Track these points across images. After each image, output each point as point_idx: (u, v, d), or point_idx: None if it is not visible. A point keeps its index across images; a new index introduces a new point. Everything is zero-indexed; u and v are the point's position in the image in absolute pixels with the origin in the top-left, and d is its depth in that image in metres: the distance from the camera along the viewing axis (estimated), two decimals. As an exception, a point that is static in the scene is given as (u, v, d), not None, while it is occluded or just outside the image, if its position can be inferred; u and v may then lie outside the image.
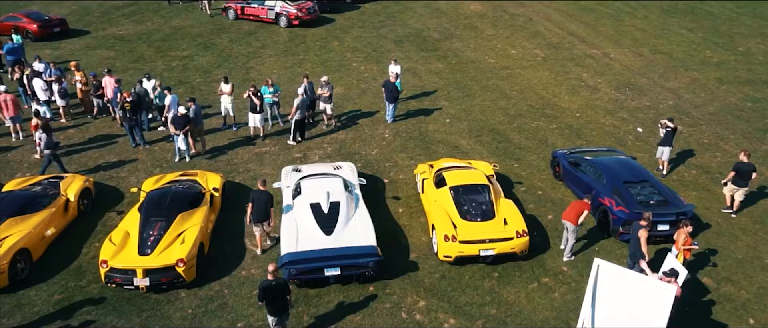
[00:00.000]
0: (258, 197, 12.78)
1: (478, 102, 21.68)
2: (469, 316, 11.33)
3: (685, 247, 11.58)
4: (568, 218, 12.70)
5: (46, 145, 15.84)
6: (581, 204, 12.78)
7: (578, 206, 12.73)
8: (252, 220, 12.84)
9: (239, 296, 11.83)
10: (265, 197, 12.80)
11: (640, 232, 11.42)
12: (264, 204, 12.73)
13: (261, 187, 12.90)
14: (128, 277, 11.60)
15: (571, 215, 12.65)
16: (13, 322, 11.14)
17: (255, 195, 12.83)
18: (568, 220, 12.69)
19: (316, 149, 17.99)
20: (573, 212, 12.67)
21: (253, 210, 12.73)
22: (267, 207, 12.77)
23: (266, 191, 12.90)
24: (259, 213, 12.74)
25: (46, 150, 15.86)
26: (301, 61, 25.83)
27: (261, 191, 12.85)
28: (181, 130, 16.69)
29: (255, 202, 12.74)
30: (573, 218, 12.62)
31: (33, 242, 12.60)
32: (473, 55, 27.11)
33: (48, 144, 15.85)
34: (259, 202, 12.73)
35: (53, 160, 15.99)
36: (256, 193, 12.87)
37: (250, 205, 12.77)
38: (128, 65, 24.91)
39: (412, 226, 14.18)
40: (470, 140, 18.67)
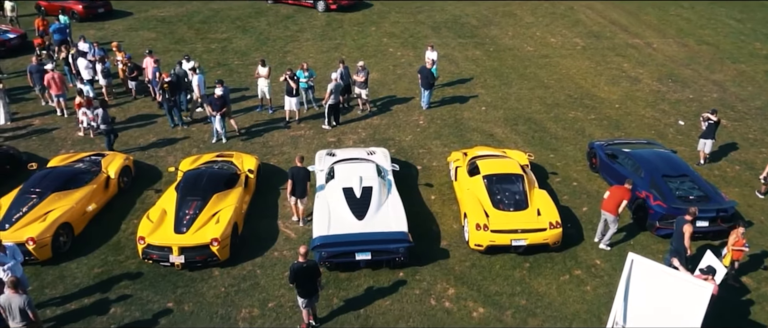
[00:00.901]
0: (296, 172, 13.18)
1: (514, 90, 21.40)
2: (498, 305, 11.28)
3: (736, 247, 11.27)
4: (608, 208, 12.46)
5: (103, 120, 16.32)
6: (621, 192, 12.46)
7: (618, 194, 12.41)
8: (291, 194, 13.23)
9: (271, 276, 12.02)
10: (303, 173, 13.20)
11: (685, 227, 11.17)
12: (303, 179, 13.12)
13: (298, 163, 13.31)
14: (164, 254, 11.89)
15: (611, 205, 12.40)
16: (55, 292, 11.56)
17: (294, 171, 13.22)
18: (608, 210, 12.45)
19: (351, 134, 18.05)
20: (613, 201, 12.39)
21: (293, 185, 13.11)
22: (305, 182, 13.12)
23: (304, 167, 13.30)
24: (299, 188, 13.09)
25: (103, 125, 16.35)
26: (338, 45, 25.87)
27: (299, 167, 13.24)
28: (217, 111, 16.93)
29: (294, 177, 13.12)
30: (613, 208, 12.37)
31: (75, 216, 13.01)
32: (511, 42, 26.74)
33: (105, 119, 16.31)
34: (298, 177, 13.12)
35: (109, 135, 16.51)
36: (295, 169, 13.25)
37: (289, 181, 13.13)
38: (169, 46, 25.34)
39: (443, 213, 14.15)
40: (506, 129, 18.47)
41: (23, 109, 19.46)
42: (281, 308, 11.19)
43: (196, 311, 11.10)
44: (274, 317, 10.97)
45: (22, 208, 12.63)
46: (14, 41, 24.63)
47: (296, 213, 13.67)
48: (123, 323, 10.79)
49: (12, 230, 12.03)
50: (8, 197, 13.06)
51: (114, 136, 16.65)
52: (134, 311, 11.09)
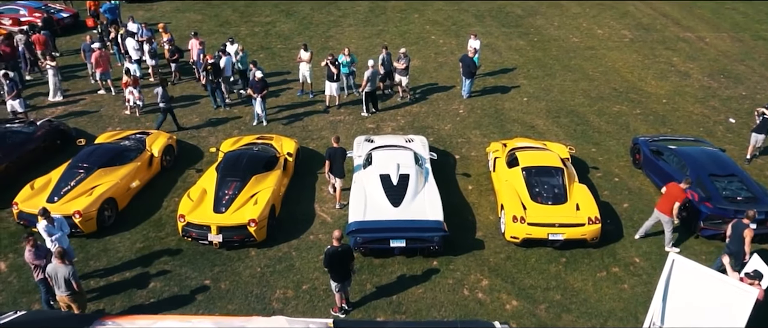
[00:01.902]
0: (333, 152, 13.40)
1: (558, 82, 21.00)
2: (532, 299, 11.16)
3: None
4: (662, 208, 12.09)
5: (163, 98, 16.73)
6: (676, 191, 11.99)
7: (673, 194, 11.96)
8: (329, 173, 13.54)
9: (306, 259, 12.15)
10: (340, 153, 13.44)
11: (746, 231, 10.82)
12: (339, 159, 13.40)
13: (335, 144, 13.53)
14: (203, 232, 12.15)
15: (665, 205, 12.02)
16: (99, 264, 11.96)
17: (330, 151, 13.42)
18: (662, 211, 12.10)
19: (390, 121, 18.04)
20: (667, 200, 11.99)
21: (330, 165, 13.33)
22: (342, 162, 13.45)
23: (341, 147, 13.53)
24: (336, 168, 13.39)
25: (162, 103, 16.77)
26: (380, 32, 25.82)
27: (335, 148, 13.44)
28: (258, 94, 17.13)
29: (331, 157, 13.33)
30: (667, 209, 11.99)
31: (119, 192, 13.39)
32: (557, 33, 26.20)
33: (164, 97, 16.72)
34: (335, 157, 13.38)
35: (168, 114, 16.98)
36: (331, 149, 13.48)
37: (327, 162, 13.33)
38: (214, 29, 25.72)
39: (480, 204, 14.04)
40: (547, 121, 18.16)
41: (74, 87, 20.08)
42: (315, 290, 11.32)
43: (232, 290, 11.32)
44: (307, 299, 11.11)
45: (70, 182, 13.06)
46: (67, 20, 25.42)
47: (337, 198, 13.82)
48: (162, 298, 11.10)
49: (60, 203, 12.46)
50: (58, 171, 13.53)
51: (172, 115, 17.08)
52: (173, 287, 11.38)
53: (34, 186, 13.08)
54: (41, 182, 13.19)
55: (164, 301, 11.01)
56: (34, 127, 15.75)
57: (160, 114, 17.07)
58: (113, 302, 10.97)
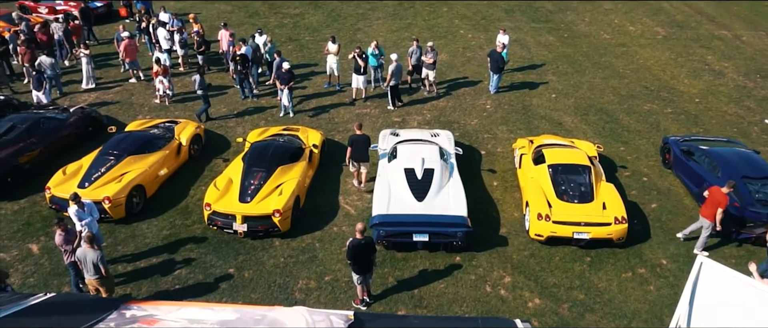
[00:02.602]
0: (356, 139, 13.58)
1: (587, 79, 20.70)
2: (555, 298, 11.06)
3: None
4: (705, 213, 11.77)
5: (200, 85, 17.01)
6: (719, 196, 11.61)
7: (715, 198, 11.58)
8: (351, 160, 13.74)
9: (329, 250, 12.22)
10: (363, 139, 13.61)
11: None
12: (363, 145, 13.63)
13: (358, 131, 13.76)
14: (228, 221, 12.29)
15: (708, 210, 11.69)
16: (127, 250, 12.19)
17: (353, 138, 13.59)
18: (704, 216, 11.78)
19: (416, 115, 17.99)
20: (711, 206, 11.62)
21: (352, 152, 13.50)
22: (365, 148, 13.61)
23: (364, 134, 13.73)
24: (359, 154, 13.58)
25: (200, 90, 17.05)
26: (409, 25, 25.73)
27: (358, 135, 13.63)
28: (285, 85, 17.23)
29: (354, 144, 13.48)
30: (709, 214, 11.66)
31: (148, 179, 13.61)
32: (587, 29, 25.81)
33: (201, 85, 16.99)
34: (358, 144, 13.55)
35: (205, 100, 17.23)
36: (354, 136, 13.65)
37: (349, 148, 13.58)
38: (243, 19, 25.92)
39: (505, 200, 13.94)
40: (575, 118, 17.92)
41: (106, 75, 20.44)
42: (337, 282, 11.38)
43: (256, 279, 11.45)
44: (329, 291, 11.18)
45: (101, 168, 13.32)
46: (101, 10, 25.85)
47: (356, 177, 14.06)
48: (186, 284, 11.27)
49: (91, 189, 12.73)
50: (89, 158, 13.81)
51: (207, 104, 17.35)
52: (198, 274, 11.55)
53: (65, 171, 13.38)
54: (73, 168, 13.48)
55: (189, 287, 11.19)
56: (67, 114, 16.11)
57: (203, 102, 17.30)
58: (140, 287, 11.19)
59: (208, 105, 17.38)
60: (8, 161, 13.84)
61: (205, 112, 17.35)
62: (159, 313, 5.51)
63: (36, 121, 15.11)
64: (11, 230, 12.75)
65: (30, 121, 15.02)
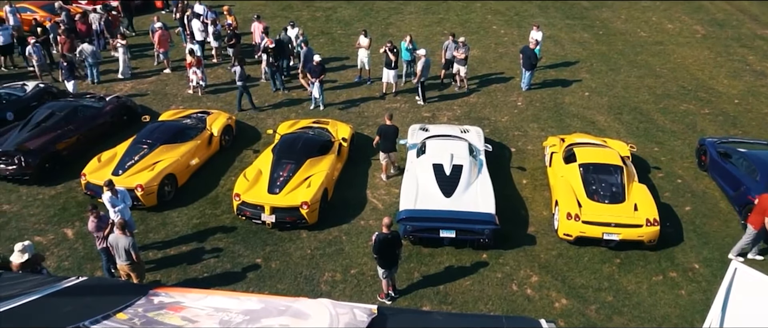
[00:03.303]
0: (386, 129, 13.81)
1: (622, 78, 20.31)
2: (582, 299, 10.90)
3: None
4: (752, 220, 11.36)
5: (240, 77, 17.26)
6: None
7: (764, 205, 11.18)
8: (380, 149, 13.98)
9: (355, 244, 12.26)
10: (392, 130, 13.82)
11: None
12: (392, 135, 13.83)
13: (388, 121, 13.97)
14: (257, 212, 12.43)
15: (757, 218, 11.26)
16: (157, 237, 12.43)
17: (383, 128, 13.83)
18: (751, 223, 11.37)
19: (446, 110, 17.90)
20: (759, 213, 11.22)
21: (381, 141, 13.79)
22: (394, 139, 13.84)
23: (393, 125, 13.93)
24: (387, 145, 13.75)
25: (240, 81, 17.29)
26: (441, 20, 25.60)
27: (388, 125, 13.86)
28: (316, 78, 17.31)
29: (383, 134, 13.68)
30: (757, 221, 11.26)
31: (179, 168, 13.84)
32: (624, 26, 25.31)
33: (241, 76, 17.23)
34: (387, 133, 13.75)
35: (243, 92, 17.44)
36: (384, 126, 13.89)
37: (377, 137, 13.86)
38: (276, 12, 26.10)
39: (534, 199, 13.78)
40: (608, 117, 17.61)
41: (142, 65, 20.84)
42: (362, 275, 11.41)
43: (282, 270, 11.55)
44: (355, 284, 11.22)
45: (134, 156, 13.60)
46: (137, 2, 26.30)
47: (385, 170, 14.25)
48: (215, 273, 11.44)
49: (124, 176, 13.00)
50: (123, 146, 14.10)
51: (247, 94, 17.60)
52: (226, 263, 11.71)
53: (101, 159, 13.70)
54: (108, 155, 13.79)
55: (217, 276, 11.35)
56: (104, 102, 16.47)
57: (245, 94, 17.52)
58: (169, 274, 11.40)
59: (246, 94, 17.57)
60: (47, 148, 14.23)
61: (250, 100, 17.64)
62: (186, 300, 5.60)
63: (74, 109, 15.49)
64: (48, 214, 13.11)
65: (68, 109, 15.41)
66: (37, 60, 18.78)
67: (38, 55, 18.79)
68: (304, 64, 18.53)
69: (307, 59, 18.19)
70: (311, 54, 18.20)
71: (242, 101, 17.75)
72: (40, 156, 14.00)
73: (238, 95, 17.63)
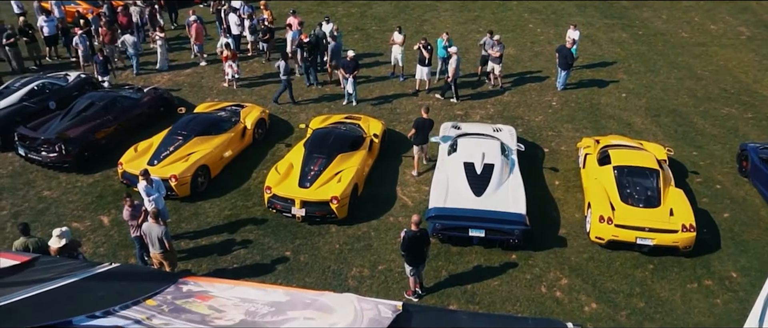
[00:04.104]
0: (421, 123, 13.96)
1: (661, 79, 19.83)
2: (613, 304, 10.70)
3: None
4: None
5: (285, 71, 17.43)
6: None
7: None
8: (414, 142, 14.11)
9: (384, 240, 12.26)
10: (428, 124, 14.04)
11: None
12: (428, 129, 14.05)
13: (424, 114, 14.14)
14: (287, 205, 12.53)
15: None
16: (190, 227, 12.65)
17: (419, 121, 13.97)
18: None
19: (479, 109, 17.76)
20: None
21: (416, 134, 13.92)
22: (428, 132, 14.13)
23: (429, 119, 14.17)
24: (421, 138, 13.95)
25: (284, 76, 17.48)
26: (476, 18, 25.38)
27: (424, 119, 14.03)
28: (350, 74, 17.34)
29: (418, 127, 13.84)
30: None
31: (213, 160, 14.05)
32: (664, 26, 24.70)
33: (285, 70, 17.42)
34: (422, 127, 13.92)
35: (287, 86, 17.67)
36: (420, 120, 14.04)
37: (413, 129, 13.97)
38: (312, 8, 26.23)
39: (566, 200, 13.58)
40: (646, 119, 17.22)
41: (179, 58, 21.19)
42: (390, 272, 11.41)
43: (311, 263, 11.63)
44: (382, 280, 11.23)
45: (169, 147, 13.84)
46: (177, -5, 26.72)
47: (417, 166, 14.39)
48: (244, 264, 11.59)
49: (159, 166, 13.25)
50: (159, 136, 14.37)
51: (289, 88, 17.74)
52: (255, 255, 11.85)
53: (137, 149, 13.99)
54: (144, 145, 14.07)
55: (246, 267, 11.50)
56: (141, 93, 16.82)
57: (284, 86, 17.67)
58: (200, 264, 11.59)
59: (288, 88, 17.72)
60: (86, 137, 14.60)
61: (290, 94, 17.82)
62: (213, 290, 5.67)
63: (113, 100, 15.85)
64: (86, 201, 13.46)
65: (107, 99, 15.77)
66: (82, 50, 19.28)
67: (84, 45, 19.28)
68: (331, 57, 18.63)
69: (335, 53, 18.30)
70: (339, 48, 18.31)
71: (281, 95, 17.86)
72: (79, 145, 14.38)
73: (281, 89, 17.77)
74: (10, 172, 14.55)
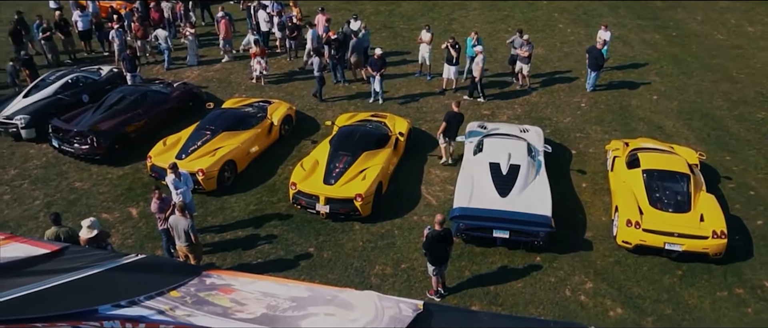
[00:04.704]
0: (452, 116, 14.14)
1: (695, 82, 19.40)
2: (639, 310, 10.51)
3: None
4: None
5: (319, 67, 17.56)
6: None
7: None
8: (443, 135, 14.26)
9: (408, 239, 12.24)
10: (459, 118, 14.27)
11: None
12: (457, 123, 14.22)
13: (455, 108, 14.28)
14: (312, 201, 12.59)
15: None
16: (215, 221, 12.79)
17: (449, 115, 14.16)
18: None
19: (506, 109, 17.61)
20: None
21: (446, 127, 14.08)
22: (458, 126, 14.30)
23: (460, 113, 14.34)
24: (450, 131, 14.17)
25: (317, 72, 17.61)
26: (506, 17, 25.16)
27: (455, 113, 14.21)
28: (377, 72, 17.35)
29: (449, 120, 14.06)
30: None
31: (239, 155, 14.18)
32: (699, 28, 24.16)
33: (319, 67, 17.56)
34: (453, 121, 14.14)
35: (320, 82, 17.81)
36: (451, 113, 14.21)
37: (444, 123, 14.07)
38: (340, 5, 26.28)
39: (593, 203, 13.38)
40: (677, 123, 16.87)
41: (209, 54, 21.45)
42: (413, 271, 11.39)
43: (334, 260, 11.67)
44: (405, 278, 11.21)
45: (197, 142, 14.02)
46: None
47: (445, 154, 14.54)
48: (268, 259, 11.68)
49: (187, 160, 13.42)
50: (187, 131, 14.57)
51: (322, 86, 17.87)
52: (279, 250, 11.94)
53: (166, 142, 14.20)
54: (172, 139, 14.28)
55: (270, 262, 11.59)
56: (171, 88, 17.08)
57: (317, 83, 17.79)
58: (225, 258, 11.72)
59: (322, 85, 17.81)
60: (117, 130, 14.88)
61: (320, 92, 17.90)
62: (236, 283, 5.74)
63: (143, 94, 16.13)
64: (115, 193, 13.72)
65: (138, 93, 16.06)
66: (117, 45, 19.65)
67: (120, 39, 19.64)
68: (351, 52, 18.65)
69: (355, 49, 18.34)
70: (360, 44, 18.34)
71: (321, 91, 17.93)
72: (110, 137, 14.66)
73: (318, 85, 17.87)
74: (44, 163, 14.91)
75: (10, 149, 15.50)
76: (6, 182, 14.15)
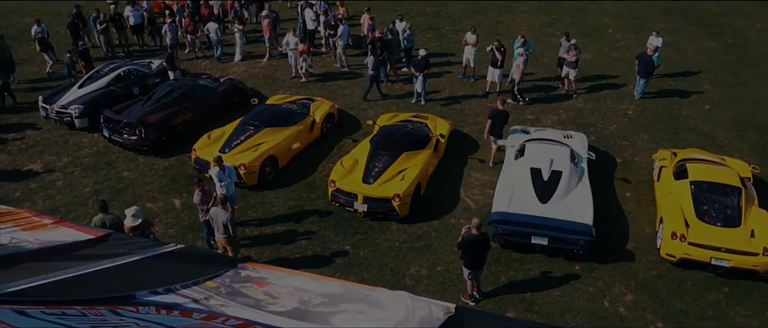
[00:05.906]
0: (497, 114, 14.16)
1: (751, 92, 18.67)
2: (681, 325, 10.17)
3: None
4: None
5: (373, 67, 17.67)
6: None
7: None
8: (489, 134, 14.26)
9: (444, 241, 12.16)
10: (503, 115, 14.28)
11: None
12: (501, 121, 14.23)
13: (500, 106, 14.33)
14: (350, 200, 12.65)
15: None
16: (255, 215, 12.99)
17: (494, 112, 14.20)
18: None
19: (550, 114, 17.31)
20: None
21: (491, 126, 14.09)
22: (503, 125, 14.32)
23: (505, 110, 14.39)
24: (496, 129, 14.17)
25: (372, 71, 17.72)
26: (553, 20, 24.76)
27: (500, 110, 14.25)
28: (420, 72, 17.30)
29: (493, 118, 14.10)
30: None
31: (281, 151, 14.36)
32: (758, 36, 23.24)
33: (374, 66, 17.67)
34: (498, 119, 14.14)
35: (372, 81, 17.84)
36: (496, 111, 14.24)
37: (489, 121, 14.09)
38: (386, 6, 26.30)
39: (637, 214, 13.02)
40: (730, 134, 16.26)
41: (256, 50, 21.81)
42: (448, 273, 11.31)
43: (370, 259, 11.70)
44: (439, 281, 11.15)
45: (241, 136, 14.27)
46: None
47: (493, 156, 14.59)
48: (304, 255, 11.79)
49: (230, 154, 13.66)
50: (231, 126, 14.84)
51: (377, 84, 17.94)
52: (316, 246, 12.03)
53: (210, 136, 14.50)
54: (217, 134, 14.57)
55: (306, 258, 11.69)
56: (218, 83, 17.43)
57: (369, 82, 17.88)
58: (262, 252, 11.88)
59: (373, 84, 17.83)
60: (165, 122, 15.28)
61: (368, 91, 17.95)
62: (271, 277, 5.79)
63: (191, 88, 16.52)
64: (160, 183, 14.09)
65: (186, 87, 16.45)
66: (170, 38, 20.18)
67: (173, 33, 20.19)
68: (389, 53, 18.63)
69: (392, 48, 18.31)
70: (396, 43, 18.30)
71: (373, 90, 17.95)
72: (158, 129, 15.06)
73: (368, 85, 17.92)
74: (95, 151, 15.43)
75: (64, 138, 16.11)
76: (59, 169, 14.70)
